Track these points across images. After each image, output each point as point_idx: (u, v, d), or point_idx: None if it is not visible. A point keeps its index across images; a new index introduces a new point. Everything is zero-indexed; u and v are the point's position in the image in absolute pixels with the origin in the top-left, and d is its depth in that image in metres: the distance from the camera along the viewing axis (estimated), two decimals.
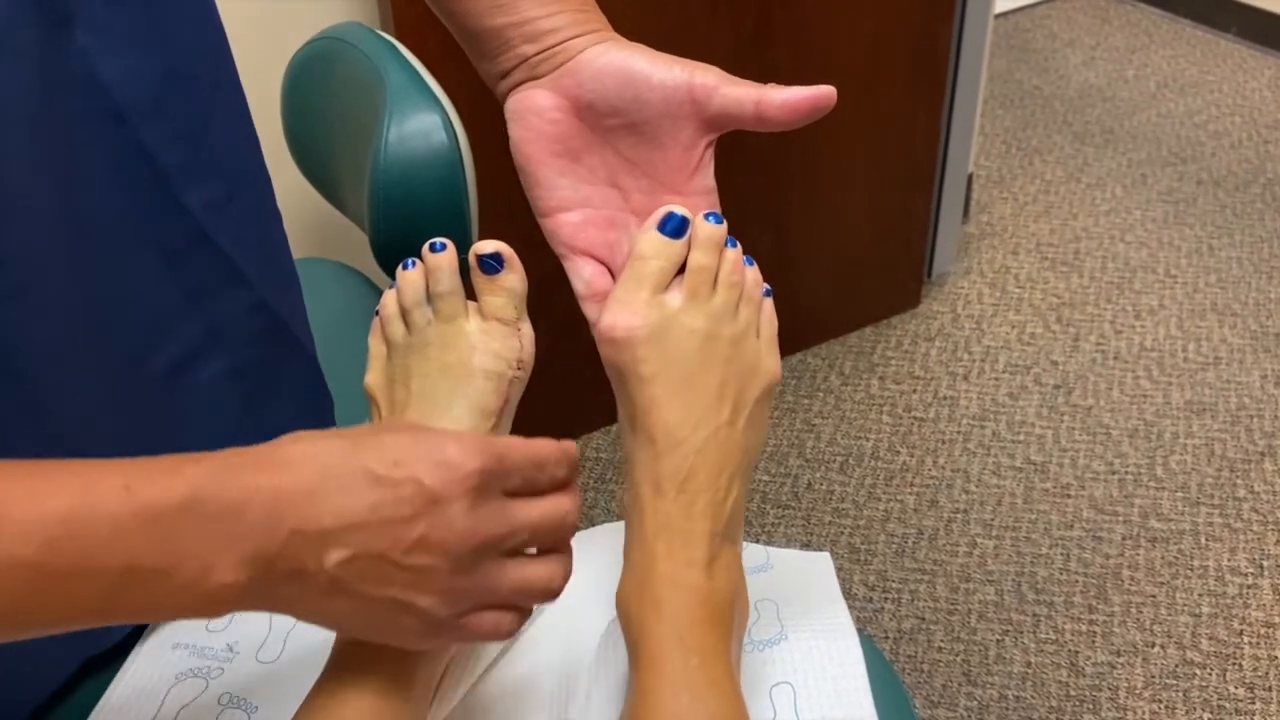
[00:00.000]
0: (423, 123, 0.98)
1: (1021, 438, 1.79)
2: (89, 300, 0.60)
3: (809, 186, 1.78)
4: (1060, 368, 1.92)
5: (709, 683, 0.54)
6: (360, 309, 1.18)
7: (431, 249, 0.66)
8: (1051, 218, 2.29)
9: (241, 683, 0.66)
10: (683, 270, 0.61)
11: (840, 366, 1.95)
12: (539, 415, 0.71)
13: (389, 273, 0.89)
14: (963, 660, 1.46)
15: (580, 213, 0.62)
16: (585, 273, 0.62)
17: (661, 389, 0.59)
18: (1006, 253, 2.20)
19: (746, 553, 0.67)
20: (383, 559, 0.46)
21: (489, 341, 0.64)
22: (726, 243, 0.62)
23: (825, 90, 0.58)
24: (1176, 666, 1.44)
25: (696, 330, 0.60)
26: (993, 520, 1.65)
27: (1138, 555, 1.59)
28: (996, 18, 2.98)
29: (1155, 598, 1.53)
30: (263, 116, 0.74)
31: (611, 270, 0.63)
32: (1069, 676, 1.43)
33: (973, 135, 2.00)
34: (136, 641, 0.70)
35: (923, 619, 1.52)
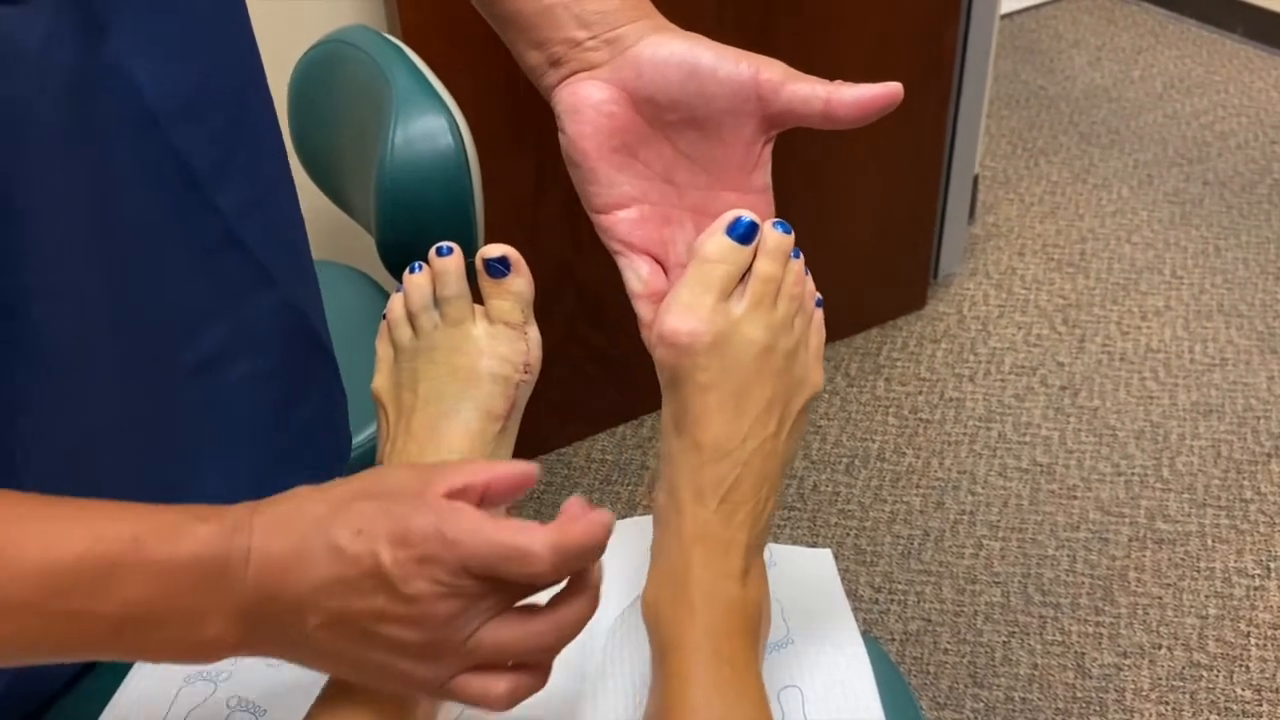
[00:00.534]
0: (429, 126, 0.99)
1: (1028, 439, 1.79)
2: (121, 297, 0.61)
3: (814, 188, 1.78)
4: (1066, 369, 1.92)
5: (740, 692, 0.54)
6: (367, 312, 1.18)
7: (438, 253, 0.66)
8: (1057, 219, 2.29)
9: (250, 686, 0.66)
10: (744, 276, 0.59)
11: (846, 368, 1.95)
12: (543, 418, 0.71)
13: (395, 276, 0.89)
14: (969, 662, 1.46)
15: (636, 209, 0.60)
16: (642, 271, 0.60)
17: (715, 398, 0.57)
18: (1012, 254, 2.20)
19: None
20: (356, 626, 0.46)
21: (496, 345, 0.65)
22: (792, 253, 0.61)
23: (894, 87, 0.56)
24: (1183, 668, 1.44)
25: (756, 341, 0.58)
26: (999, 522, 1.65)
27: (1144, 557, 1.58)
28: (1002, 18, 2.98)
29: (1162, 599, 1.52)
30: None
31: (665, 268, 0.61)
32: (1075, 678, 1.43)
33: (979, 136, 2.00)
34: None
35: (929, 621, 1.52)
